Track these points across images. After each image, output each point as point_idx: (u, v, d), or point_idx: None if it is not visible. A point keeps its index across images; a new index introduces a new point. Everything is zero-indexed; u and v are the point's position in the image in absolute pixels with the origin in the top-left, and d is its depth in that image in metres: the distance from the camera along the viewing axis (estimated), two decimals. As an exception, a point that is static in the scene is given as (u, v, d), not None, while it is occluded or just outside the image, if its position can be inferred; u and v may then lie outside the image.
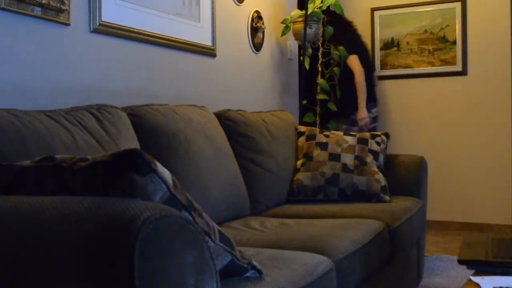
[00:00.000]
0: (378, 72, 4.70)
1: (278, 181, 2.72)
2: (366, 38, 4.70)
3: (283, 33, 3.83)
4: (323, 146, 2.85)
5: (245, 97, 3.48)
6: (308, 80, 4.07)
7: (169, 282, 0.84)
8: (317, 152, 2.84)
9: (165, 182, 0.99)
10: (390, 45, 4.65)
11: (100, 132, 1.81)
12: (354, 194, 2.72)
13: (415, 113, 4.63)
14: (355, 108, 4.12)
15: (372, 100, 4.22)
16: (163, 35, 2.69)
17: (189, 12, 2.90)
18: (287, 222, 2.17)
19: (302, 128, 3.04)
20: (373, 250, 2.01)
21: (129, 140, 1.93)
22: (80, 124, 1.77)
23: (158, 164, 1.00)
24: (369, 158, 2.81)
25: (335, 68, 4.08)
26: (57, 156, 1.12)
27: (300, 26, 3.88)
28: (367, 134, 2.94)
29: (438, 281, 3.01)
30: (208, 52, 3.07)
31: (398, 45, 4.62)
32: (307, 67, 3.92)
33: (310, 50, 3.96)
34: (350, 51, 4.09)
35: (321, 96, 4.03)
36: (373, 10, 4.70)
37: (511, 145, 4.29)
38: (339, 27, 4.12)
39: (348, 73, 4.11)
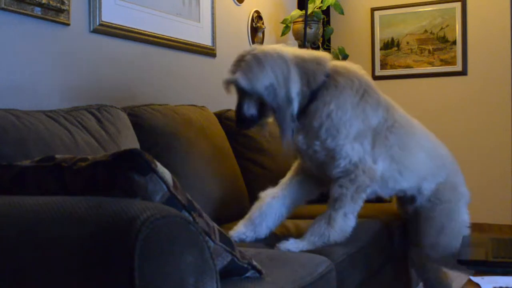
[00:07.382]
0: (378, 72, 4.70)
1: (278, 181, 2.71)
2: (366, 38, 4.70)
3: (283, 33, 3.83)
4: (323, 146, 2.84)
5: (245, 97, 3.48)
6: (308, 80, 4.06)
7: (169, 282, 0.84)
8: (317, 152, 2.83)
9: (165, 182, 0.99)
10: (390, 45, 4.65)
11: (100, 132, 1.81)
12: (354, 194, 2.71)
13: (415, 113, 4.59)
14: None
15: None
16: (163, 35, 2.69)
17: (189, 12, 2.90)
18: (287, 222, 2.17)
19: (302, 128, 3.03)
20: (373, 251, 2.01)
21: (129, 140, 1.93)
22: (80, 124, 1.77)
23: (158, 164, 1.00)
24: (369, 158, 2.80)
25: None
26: (57, 156, 1.12)
27: (300, 26, 3.88)
28: (367, 134, 2.93)
29: (438, 281, 3.00)
30: (208, 52, 3.07)
31: (398, 45, 4.62)
32: (307, 67, 3.92)
33: (310, 50, 3.96)
34: None
35: (321, 96, 4.02)
36: (373, 10, 4.70)
37: (511, 145, 4.29)
38: None
39: None
